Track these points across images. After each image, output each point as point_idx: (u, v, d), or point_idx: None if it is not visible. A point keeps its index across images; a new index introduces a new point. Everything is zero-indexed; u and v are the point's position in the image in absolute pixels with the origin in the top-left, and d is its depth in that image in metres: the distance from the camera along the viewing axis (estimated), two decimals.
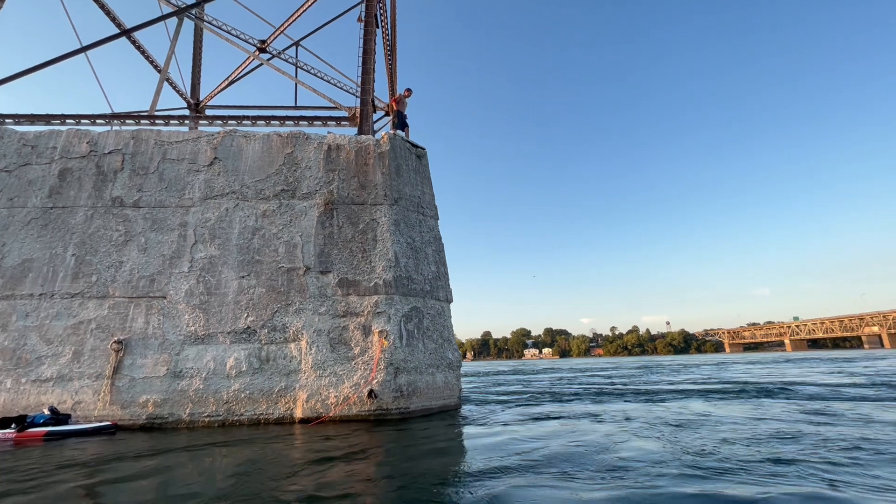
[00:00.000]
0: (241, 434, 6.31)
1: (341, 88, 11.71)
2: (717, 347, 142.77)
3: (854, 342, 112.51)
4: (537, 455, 4.39)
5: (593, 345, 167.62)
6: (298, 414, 7.31)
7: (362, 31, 11.18)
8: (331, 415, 7.27)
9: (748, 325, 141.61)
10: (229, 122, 10.64)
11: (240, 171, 8.74)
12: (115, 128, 9.86)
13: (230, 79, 14.14)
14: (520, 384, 15.87)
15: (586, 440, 5.14)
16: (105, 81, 21.02)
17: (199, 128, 11.59)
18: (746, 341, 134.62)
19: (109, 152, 8.77)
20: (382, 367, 7.54)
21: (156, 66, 13.80)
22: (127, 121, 11.80)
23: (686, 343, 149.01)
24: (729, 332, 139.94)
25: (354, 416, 7.31)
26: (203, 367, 7.44)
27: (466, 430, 6.33)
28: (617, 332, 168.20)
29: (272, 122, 10.69)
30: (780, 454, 4.14)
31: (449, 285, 9.59)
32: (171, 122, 10.46)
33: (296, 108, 11.21)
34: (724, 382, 13.46)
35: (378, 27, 11.55)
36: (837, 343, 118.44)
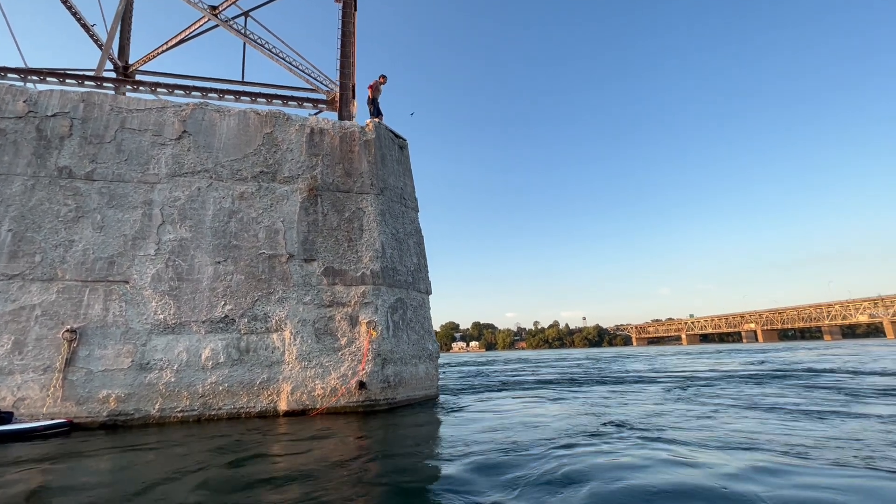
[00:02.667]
0: (223, 429, 5.95)
1: (297, 68, 11.06)
2: (626, 341, 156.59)
3: (735, 337, 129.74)
4: (515, 433, 4.75)
5: (517, 338, 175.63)
6: (283, 407, 7.04)
7: (340, 13, 10.80)
8: (318, 407, 7.09)
9: (652, 321, 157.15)
10: (192, 92, 9.71)
11: (213, 149, 8.09)
12: (58, 88, 8.58)
13: (170, 44, 12.77)
14: (480, 376, 16.40)
15: (543, 422, 5.61)
16: (20, 34, 17.93)
17: (160, 97, 10.46)
18: (650, 335, 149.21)
19: (53, 115, 7.66)
20: (370, 357, 7.49)
21: (81, 20, 12.07)
22: (48, 78, 10.35)
23: (600, 337, 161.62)
24: (636, 328, 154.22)
25: (342, 407, 7.19)
26: (174, 359, 6.86)
27: (455, 416, 6.55)
28: (539, 327, 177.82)
29: (242, 97, 9.96)
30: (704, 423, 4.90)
31: (428, 277, 9.69)
32: (122, 88, 9.34)
33: (270, 86, 10.50)
34: (710, 370, 15.03)
35: (356, 9, 11.20)
36: (723, 337, 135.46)
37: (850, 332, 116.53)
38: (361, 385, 7.25)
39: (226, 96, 10.07)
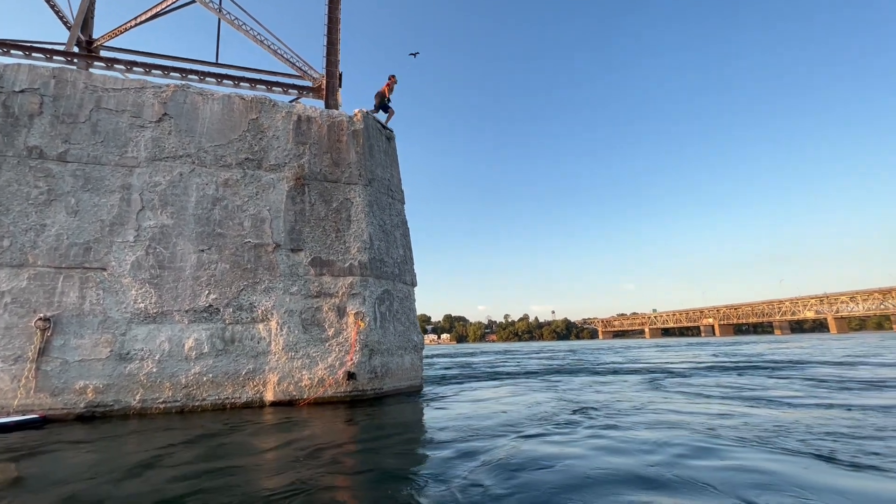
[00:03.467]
0: (207, 419, 5.85)
1: (279, 53, 10.78)
2: (593, 334, 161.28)
3: (694, 331, 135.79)
4: (499, 419, 4.96)
5: (488, 331, 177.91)
6: (269, 397, 6.98)
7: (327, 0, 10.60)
8: (306, 397, 7.07)
9: (618, 315, 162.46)
10: (171, 73, 9.33)
11: (195, 133, 7.83)
12: (25, 62, 8.06)
13: (140, 19, 12.17)
14: (458, 367, 16.61)
15: (522, 408, 5.86)
16: None
17: (130, 76, 9.98)
18: (616, 329, 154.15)
19: (21, 91, 7.22)
20: (358, 348, 7.51)
21: None
22: (13, 51, 9.78)
23: (568, 330, 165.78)
24: (602, 321, 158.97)
25: (330, 398, 7.20)
26: (156, 349, 6.67)
27: (439, 404, 6.69)
28: (510, 320, 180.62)
29: (223, 81, 9.64)
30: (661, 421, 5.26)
31: (413, 269, 9.75)
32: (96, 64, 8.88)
33: (253, 70, 10.19)
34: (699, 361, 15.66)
35: None
36: (683, 331, 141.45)
37: (798, 327, 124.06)
38: (349, 375, 7.27)
39: (206, 79, 9.73)
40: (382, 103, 9.73)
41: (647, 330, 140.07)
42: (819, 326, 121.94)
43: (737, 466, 3.17)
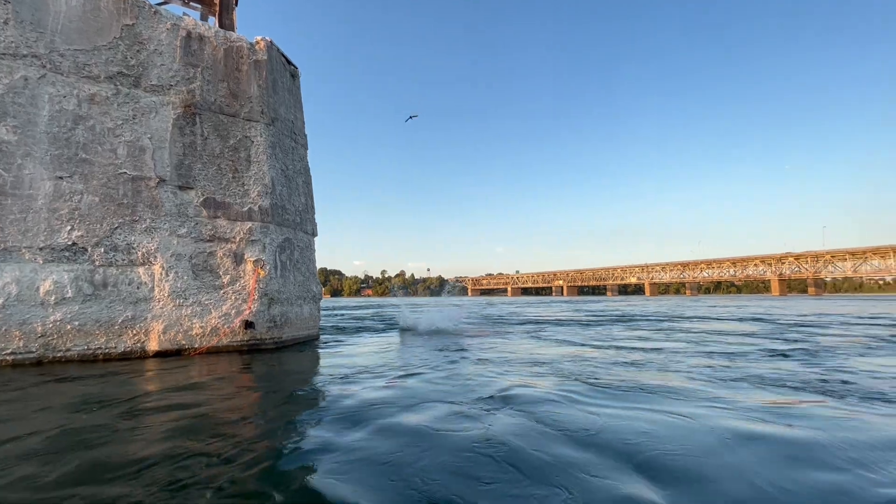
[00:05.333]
0: (72, 371, 5.19)
1: None
2: (463, 292, 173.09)
3: (547, 291, 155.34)
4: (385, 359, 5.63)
5: (364, 286, 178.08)
6: (153, 347, 6.39)
7: None
8: (198, 347, 6.65)
9: (486, 275, 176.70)
10: None
11: (46, 29, 6.27)
12: None
13: None
14: (348, 319, 16.67)
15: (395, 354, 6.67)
16: None
17: None
18: (483, 287, 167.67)
19: None
20: (257, 297, 7.24)
21: None
22: None
23: (441, 287, 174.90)
24: (472, 280, 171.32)
25: (225, 347, 6.89)
26: (0, 292, 5.54)
27: (335, 350, 6.98)
28: (386, 275, 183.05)
29: None
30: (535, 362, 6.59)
31: (314, 219, 9.47)
32: None
33: None
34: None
35: None
36: (539, 291, 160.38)
37: (623, 289, 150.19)
38: (248, 325, 7.01)
39: None
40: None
41: (509, 289, 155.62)
42: (639, 290, 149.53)
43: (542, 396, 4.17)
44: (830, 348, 7.02)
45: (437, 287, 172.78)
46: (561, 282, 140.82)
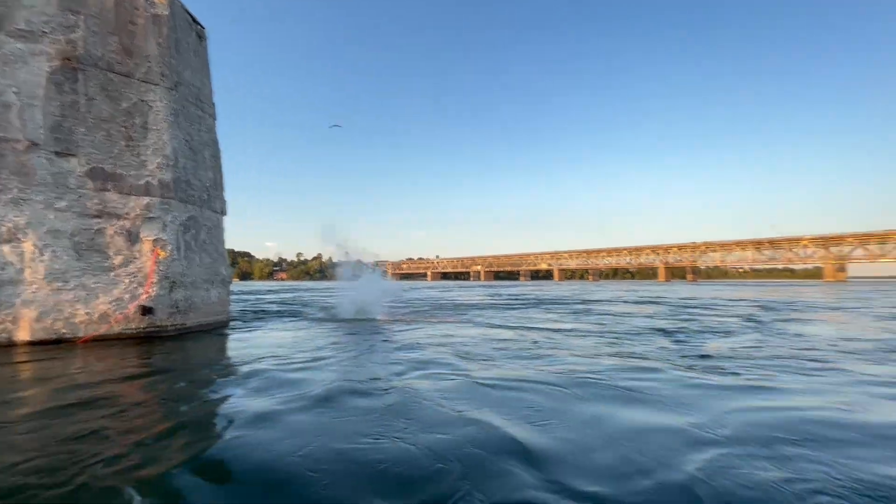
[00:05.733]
0: None
1: None
2: (383, 276, 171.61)
3: (466, 276, 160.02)
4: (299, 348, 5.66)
5: (277, 269, 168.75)
6: (24, 336, 5.56)
7: None
8: (83, 335, 5.90)
9: (406, 259, 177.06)
10: None
11: None
12: None
13: None
14: (261, 304, 15.71)
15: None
16: None
17: None
18: (404, 272, 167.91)
19: None
20: (157, 280, 6.58)
21: None
22: None
23: (360, 271, 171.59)
24: (392, 264, 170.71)
25: (118, 335, 6.19)
26: None
27: (243, 336, 6.67)
28: (302, 258, 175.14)
29: None
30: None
31: (224, 196, 8.77)
32: None
33: None
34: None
35: None
36: (458, 276, 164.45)
37: (535, 275, 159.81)
38: (146, 310, 6.36)
39: None
40: None
41: (429, 273, 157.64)
42: (548, 275, 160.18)
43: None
44: (705, 328, 8.22)
45: (357, 270, 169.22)
46: (479, 267, 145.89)
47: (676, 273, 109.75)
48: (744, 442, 2.39)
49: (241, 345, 6.11)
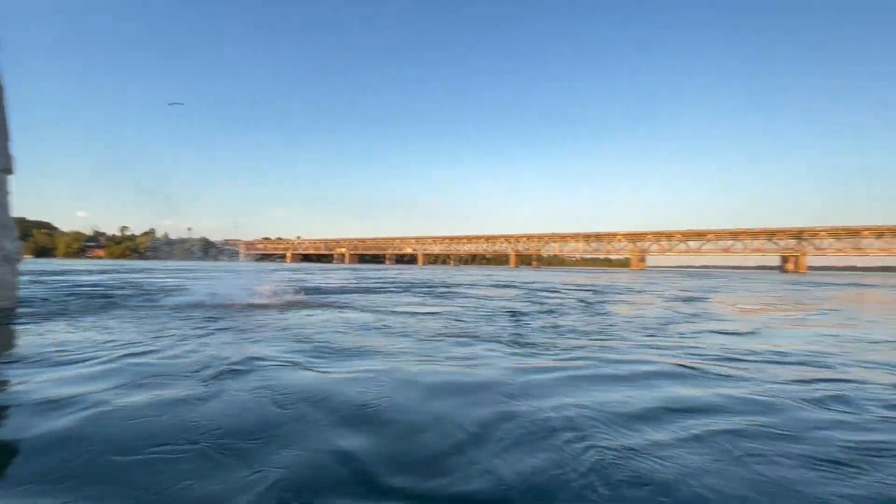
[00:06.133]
0: None
1: None
2: (233, 256, 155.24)
3: (329, 258, 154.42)
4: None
5: (92, 244, 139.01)
6: None
7: None
8: None
9: (263, 238, 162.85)
10: None
11: None
12: None
13: None
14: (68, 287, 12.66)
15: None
16: None
17: None
18: (259, 252, 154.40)
19: None
20: None
21: None
22: None
23: (205, 251, 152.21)
24: (245, 244, 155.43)
25: None
26: None
27: (31, 328, 5.45)
28: (129, 233, 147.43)
29: None
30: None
31: (9, 150, 6.81)
32: None
33: None
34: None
35: None
36: (320, 258, 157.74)
37: (400, 259, 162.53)
38: None
39: None
40: None
41: (289, 255, 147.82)
42: (412, 259, 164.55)
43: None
44: (555, 307, 9.41)
45: (201, 250, 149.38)
46: (343, 249, 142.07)
47: (524, 260, 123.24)
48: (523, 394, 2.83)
49: (26, 340, 4.88)
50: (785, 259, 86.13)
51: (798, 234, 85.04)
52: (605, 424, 2.53)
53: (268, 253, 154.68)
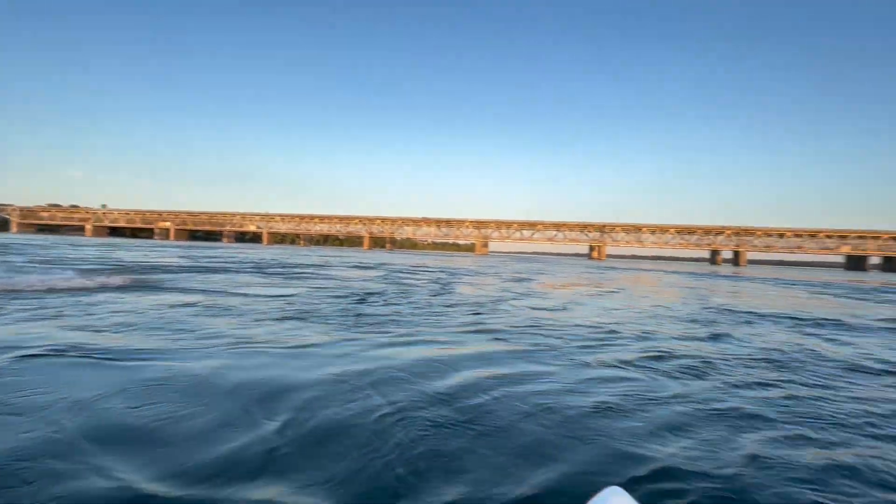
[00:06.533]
0: None
1: None
2: (4, 226, 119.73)
3: (148, 233, 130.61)
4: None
5: None
6: None
7: None
8: None
9: (48, 205, 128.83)
10: None
11: None
12: None
13: None
14: None
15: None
16: None
17: None
18: (44, 222, 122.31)
19: None
20: None
21: None
22: None
23: None
24: (23, 211, 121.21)
25: None
26: None
27: None
28: None
29: None
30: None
31: None
32: None
33: None
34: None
35: None
36: (136, 233, 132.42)
37: (241, 237, 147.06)
38: None
39: None
40: None
41: (89, 227, 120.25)
42: (256, 238, 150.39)
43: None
44: (410, 287, 9.82)
45: None
46: (168, 224, 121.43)
47: (378, 242, 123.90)
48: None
49: None
50: (591, 248, 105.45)
51: (601, 229, 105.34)
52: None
53: (58, 224, 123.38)
